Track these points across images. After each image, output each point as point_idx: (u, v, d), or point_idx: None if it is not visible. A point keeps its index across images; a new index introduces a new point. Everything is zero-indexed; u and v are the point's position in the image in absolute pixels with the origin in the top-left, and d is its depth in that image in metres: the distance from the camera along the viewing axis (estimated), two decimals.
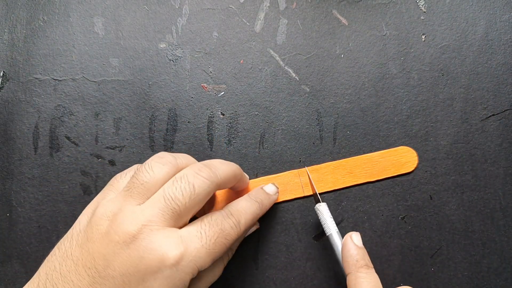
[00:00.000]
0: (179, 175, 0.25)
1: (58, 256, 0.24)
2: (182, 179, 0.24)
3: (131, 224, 0.23)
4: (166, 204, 0.24)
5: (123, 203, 0.24)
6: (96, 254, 0.23)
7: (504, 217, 0.33)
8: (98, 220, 0.24)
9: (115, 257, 0.23)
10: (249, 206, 0.28)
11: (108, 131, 0.34)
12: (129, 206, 0.24)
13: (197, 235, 0.24)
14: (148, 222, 0.23)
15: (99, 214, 0.24)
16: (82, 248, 0.24)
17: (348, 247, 0.28)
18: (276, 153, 0.34)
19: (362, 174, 0.33)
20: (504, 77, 0.34)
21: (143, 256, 0.22)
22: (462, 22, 0.35)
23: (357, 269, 0.27)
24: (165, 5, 0.35)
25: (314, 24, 0.35)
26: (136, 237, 0.23)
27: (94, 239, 0.23)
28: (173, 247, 0.23)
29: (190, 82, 0.35)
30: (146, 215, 0.23)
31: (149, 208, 0.24)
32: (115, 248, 0.23)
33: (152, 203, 0.24)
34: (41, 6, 0.35)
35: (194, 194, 0.24)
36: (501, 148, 0.33)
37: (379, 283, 0.27)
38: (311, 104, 0.34)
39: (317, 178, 0.33)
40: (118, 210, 0.24)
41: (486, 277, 0.32)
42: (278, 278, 0.32)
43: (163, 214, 0.23)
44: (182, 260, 0.23)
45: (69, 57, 0.35)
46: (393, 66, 0.34)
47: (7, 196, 0.33)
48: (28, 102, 0.34)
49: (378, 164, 0.33)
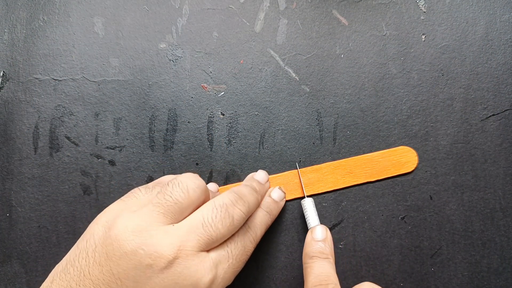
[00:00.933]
0: (218, 202, 0.25)
1: (73, 275, 0.22)
2: (222, 208, 0.24)
3: (166, 247, 0.22)
4: (204, 231, 0.23)
5: (152, 219, 0.23)
6: (123, 275, 0.21)
7: (504, 217, 0.33)
8: (121, 234, 0.22)
9: (147, 280, 0.21)
10: (263, 218, 0.28)
11: (108, 131, 0.34)
12: (161, 225, 0.23)
13: (225, 255, 0.24)
14: (184, 246, 0.22)
15: (122, 228, 0.22)
16: (102, 267, 0.22)
17: (306, 241, 0.29)
18: (276, 153, 0.34)
19: (362, 174, 0.33)
20: (504, 77, 0.34)
21: (177, 282, 0.22)
22: (462, 22, 0.35)
23: (310, 259, 0.27)
24: (165, 5, 0.35)
25: (314, 24, 0.35)
26: (172, 262, 0.22)
27: (117, 258, 0.22)
28: (207, 271, 0.22)
29: (190, 82, 0.35)
30: (181, 237, 0.23)
31: (185, 231, 0.23)
32: (147, 271, 0.21)
33: (189, 226, 0.23)
34: (41, 6, 0.35)
35: (232, 226, 0.24)
36: (501, 148, 0.33)
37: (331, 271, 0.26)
38: (311, 104, 0.34)
39: (317, 178, 0.33)
40: (147, 226, 0.22)
41: (486, 277, 0.32)
42: (278, 278, 0.32)
43: (199, 241, 0.23)
44: (213, 283, 0.23)
45: (69, 57, 0.35)
46: (393, 66, 0.34)
47: (7, 196, 0.33)
48: (28, 102, 0.34)
49: (378, 164, 0.33)
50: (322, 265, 0.26)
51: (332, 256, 0.29)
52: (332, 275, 0.26)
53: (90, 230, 0.24)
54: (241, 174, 0.33)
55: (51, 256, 0.33)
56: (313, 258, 0.27)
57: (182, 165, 0.34)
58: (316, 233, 0.29)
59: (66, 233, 0.33)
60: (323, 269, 0.26)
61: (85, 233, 0.24)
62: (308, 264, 0.27)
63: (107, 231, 0.23)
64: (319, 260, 0.27)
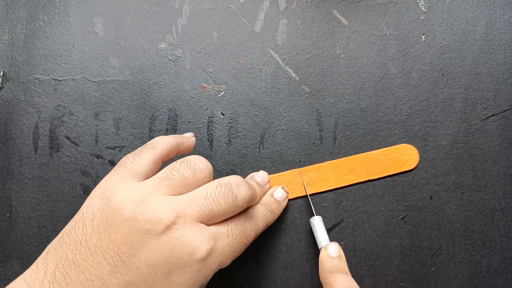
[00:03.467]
0: (223, 181, 0.25)
1: (69, 244, 0.22)
2: (226, 187, 0.24)
3: (165, 212, 0.22)
4: (206, 203, 0.23)
5: (154, 189, 0.23)
6: (120, 241, 0.21)
7: (504, 217, 0.33)
8: (121, 203, 0.22)
9: (143, 245, 0.21)
10: (264, 213, 0.28)
11: (108, 131, 0.34)
12: (163, 194, 0.23)
13: (224, 232, 0.24)
14: (183, 213, 0.22)
15: (122, 197, 0.22)
16: (101, 234, 0.22)
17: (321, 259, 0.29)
18: (276, 153, 0.34)
19: (364, 172, 0.33)
20: (504, 77, 0.34)
21: (174, 248, 0.22)
22: (462, 22, 0.35)
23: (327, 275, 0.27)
24: (165, 5, 0.35)
25: (314, 24, 0.35)
26: (169, 228, 0.22)
27: (117, 225, 0.22)
28: (205, 241, 0.22)
29: (190, 82, 0.35)
30: (181, 205, 0.23)
31: (186, 200, 0.23)
32: (145, 236, 0.21)
33: (191, 197, 0.23)
34: (41, 6, 0.35)
35: (234, 205, 0.24)
36: (501, 148, 0.33)
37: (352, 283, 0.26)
38: (311, 104, 0.34)
39: (319, 177, 0.33)
40: (148, 195, 0.23)
41: (486, 277, 0.32)
42: (278, 278, 0.32)
43: (199, 211, 0.23)
44: (210, 256, 0.23)
45: (69, 57, 0.35)
46: (393, 66, 0.34)
47: (7, 196, 0.33)
48: (28, 102, 0.34)
49: (380, 162, 0.33)
50: (346, 279, 0.26)
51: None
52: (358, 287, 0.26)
53: (86, 203, 0.24)
54: (241, 174, 0.33)
55: None
56: (334, 273, 0.27)
57: None
58: (331, 250, 0.29)
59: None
60: (348, 282, 0.26)
61: (81, 207, 0.24)
62: (330, 279, 0.27)
63: (106, 201, 0.23)
64: (341, 275, 0.27)
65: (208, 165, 0.26)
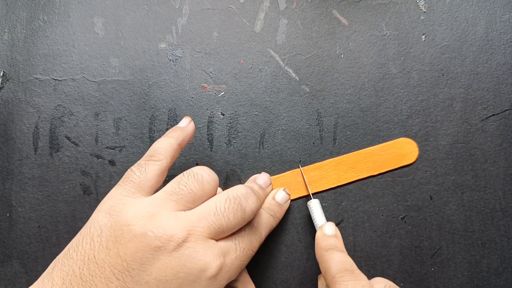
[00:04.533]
0: (231, 194, 0.25)
1: (76, 259, 0.22)
2: (235, 200, 0.24)
3: (176, 229, 0.22)
4: (215, 219, 0.23)
5: (163, 205, 0.23)
6: (130, 257, 0.21)
7: (504, 217, 0.33)
8: (130, 219, 0.22)
9: (154, 261, 0.21)
10: (267, 219, 0.29)
11: (108, 131, 0.34)
12: (172, 210, 0.23)
13: (233, 247, 0.24)
14: (193, 230, 0.22)
15: (131, 213, 0.22)
16: (109, 250, 0.22)
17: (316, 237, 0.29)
18: (276, 153, 0.34)
19: (364, 169, 0.33)
20: (504, 77, 0.34)
21: (185, 264, 0.22)
22: (462, 22, 0.35)
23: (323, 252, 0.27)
24: (165, 5, 0.35)
25: (314, 24, 0.35)
26: (180, 245, 0.22)
27: (126, 241, 0.22)
28: (215, 258, 0.22)
29: (190, 82, 0.35)
30: (192, 222, 0.23)
31: (196, 217, 0.23)
32: (155, 253, 0.21)
33: (201, 213, 0.23)
34: (41, 6, 0.35)
35: (243, 219, 0.24)
36: (501, 148, 0.33)
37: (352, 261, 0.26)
38: (311, 104, 0.34)
39: (320, 176, 0.33)
40: (157, 211, 0.23)
41: (486, 277, 0.32)
42: (278, 278, 0.32)
43: (209, 228, 0.23)
44: (221, 271, 0.23)
45: (69, 57, 0.35)
46: (393, 66, 0.34)
47: (7, 196, 0.33)
48: (28, 102, 0.34)
49: (380, 157, 0.33)
50: (341, 255, 0.26)
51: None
52: (355, 264, 0.26)
53: (93, 218, 0.24)
54: (241, 174, 0.33)
55: (51, 256, 0.33)
56: (329, 250, 0.27)
57: (182, 165, 0.34)
58: (326, 229, 0.29)
59: (66, 233, 0.33)
60: (344, 258, 0.26)
61: (88, 222, 0.24)
62: (326, 255, 0.27)
63: (115, 217, 0.23)
64: (337, 251, 0.27)
65: (215, 177, 0.26)
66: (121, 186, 0.25)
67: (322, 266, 0.27)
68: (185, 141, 0.29)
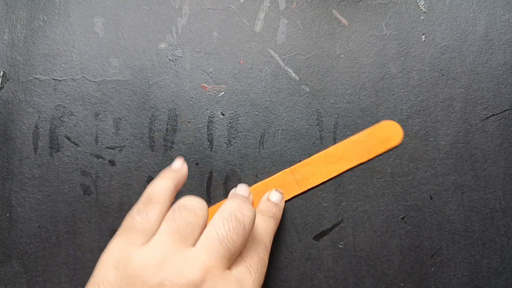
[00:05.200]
0: (225, 213, 0.24)
1: None
2: (232, 219, 0.24)
3: (191, 273, 0.21)
4: (222, 246, 0.23)
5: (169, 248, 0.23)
6: None
7: (504, 217, 0.33)
8: (140, 270, 0.21)
9: None
10: (268, 224, 0.29)
11: (108, 131, 0.34)
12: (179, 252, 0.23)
13: (247, 271, 0.24)
14: (209, 268, 0.22)
15: (141, 264, 0.22)
16: None
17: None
18: (276, 153, 0.34)
19: (353, 157, 0.33)
20: (504, 77, 0.34)
21: None
22: (462, 22, 0.35)
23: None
24: (165, 5, 0.35)
25: (314, 24, 0.35)
26: (200, 286, 0.21)
27: None
28: None
29: (190, 82, 0.35)
30: (204, 259, 0.22)
31: (204, 251, 0.23)
32: None
33: (207, 245, 0.23)
34: (41, 6, 0.35)
35: (245, 233, 0.24)
36: (501, 148, 0.33)
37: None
38: (311, 104, 0.34)
39: (311, 172, 0.33)
40: (166, 257, 0.22)
41: (486, 277, 0.32)
42: (278, 278, 0.32)
43: (222, 258, 0.23)
44: None
45: (69, 57, 0.35)
46: (393, 66, 0.34)
47: (7, 196, 0.33)
48: (28, 102, 0.34)
49: (366, 143, 0.33)
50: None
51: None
52: None
53: (99, 274, 0.23)
54: (241, 174, 0.33)
55: (51, 256, 0.33)
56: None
57: None
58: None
59: (66, 233, 0.33)
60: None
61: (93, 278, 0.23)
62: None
63: (123, 271, 0.22)
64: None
65: (203, 202, 0.25)
66: (123, 236, 0.24)
67: None
68: (180, 183, 0.28)
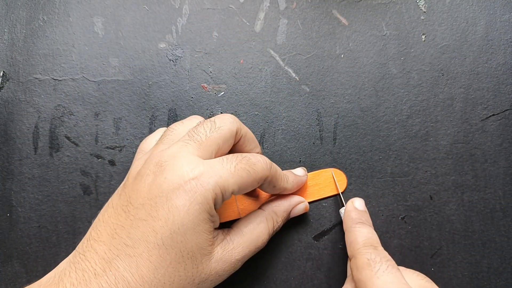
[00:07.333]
0: None
1: (101, 211, 0.26)
2: (207, 121, 0.27)
3: (159, 157, 0.25)
4: (189, 136, 0.26)
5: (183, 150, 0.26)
6: (130, 192, 0.25)
7: (504, 217, 0.33)
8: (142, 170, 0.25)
9: (145, 186, 0.24)
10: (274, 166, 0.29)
11: (108, 131, 0.34)
12: (157, 148, 0.26)
13: (219, 161, 0.25)
14: (175, 154, 0.25)
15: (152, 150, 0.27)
16: (120, 195, 0.25)
17: (347, 209, 0.30)
18: (276, 153, 0.34)
19: None
20: (504, 77, 0.34)
21: (166, 176, 0.24)
22: (462, 22, 0.35)
23: (353, 225, 0.29)
24: (165, 5, 0.35)
25: (314, 24, 0.35)
26: (163, 165, 0.24)
27: (128, 182, 0.26)
28: (194, 166, 0.24)
29: (190, 82, 0.35)
30: (172, 149, 0.25)
31: (175, 144, 0.26)
32: (146, 180, 0.24)
33: (179, 140, 0.26)
34: (41, 6, 0.35)
35: (215, 128, 0.26)
36: (501, 148, 0.33)
37: (375, 236, 0.28)
38: (311, 104, 0.34)
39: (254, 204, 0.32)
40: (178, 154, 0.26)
41: (486, 277, 0.32)
42: (278, 278, 0.32)
43: (187, 145, 0.25)
44: (202, 176, 0.24)
45: (69, 57, 0.35)
46: (393, 66, 0.34)
47: (7, 196, 0.33)
48: (28, 102, 0.34)
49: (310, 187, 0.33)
50: (370, 231, 0.28)
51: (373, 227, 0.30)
52: (379, 242, 0.27)
53: None
54: None
55: (51, 256, 0.33)
56: (359, 223, 0.29)
57: None
58: (357, 203, 0.31)
59: (66, 233, 0.33)
60: (372, 234, 0.28)
61: None
62: (354, 228, 0.28)
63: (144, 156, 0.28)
64: (366, 226, 0.28)
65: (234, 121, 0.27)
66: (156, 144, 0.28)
67: (349, 237, 0.28)
68: None
